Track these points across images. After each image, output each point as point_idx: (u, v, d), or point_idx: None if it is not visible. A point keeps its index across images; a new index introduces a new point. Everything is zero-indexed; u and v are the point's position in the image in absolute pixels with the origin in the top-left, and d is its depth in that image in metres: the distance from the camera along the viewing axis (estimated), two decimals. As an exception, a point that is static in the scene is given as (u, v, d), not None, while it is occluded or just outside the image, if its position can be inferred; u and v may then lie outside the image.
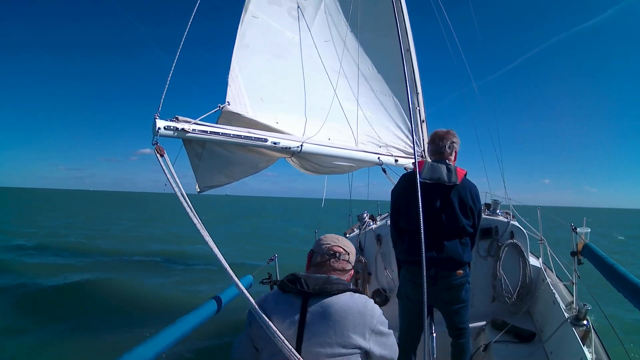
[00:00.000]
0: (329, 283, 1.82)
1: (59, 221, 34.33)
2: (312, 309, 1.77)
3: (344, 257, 1.99)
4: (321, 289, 1.79)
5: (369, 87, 4.24)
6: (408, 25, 4.47)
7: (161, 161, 2.29)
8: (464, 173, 3.10)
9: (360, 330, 1.74)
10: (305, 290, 1.79)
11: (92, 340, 7.49)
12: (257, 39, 3.43)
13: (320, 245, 2.02)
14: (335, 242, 2.02)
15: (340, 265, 1.97)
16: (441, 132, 3.27)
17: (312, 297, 1.79)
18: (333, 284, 1.82)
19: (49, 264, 14.57)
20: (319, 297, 1.78)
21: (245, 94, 3.24)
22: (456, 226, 3.03)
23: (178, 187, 2.22)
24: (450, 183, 3.01)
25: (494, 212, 4.80)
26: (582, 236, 3.85)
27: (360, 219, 5.00)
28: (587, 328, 3.36)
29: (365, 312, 1.78)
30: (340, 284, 1.83)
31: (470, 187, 3.13)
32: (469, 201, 3.06)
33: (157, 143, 2.38)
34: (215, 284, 11.34)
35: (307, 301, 1.79)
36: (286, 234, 28.85)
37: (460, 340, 3.24)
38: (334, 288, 1.80)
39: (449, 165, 3.12)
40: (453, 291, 3.08)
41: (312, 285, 1.80)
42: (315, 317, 1.76)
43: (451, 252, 3.00)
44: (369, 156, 3.68)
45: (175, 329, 2.38)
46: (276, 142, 2.98)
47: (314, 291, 1.78)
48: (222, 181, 3.11)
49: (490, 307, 4.48)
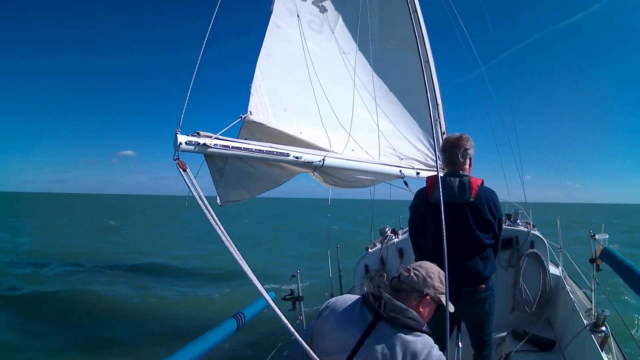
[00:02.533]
0: (405, 316, 1.79)
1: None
2: (377, 332, 1.76)
3: (419, 280, 1.93)
4: (395, 317, 1.76)
5: (389, 99, 4.23)
6: (426, 37, 4.46)
7: (184, 176, 2.27)
8: (479, 183, 2.92)
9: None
10: (379, 312, 1.77)
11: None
12: (280, 49, 3.42)
13: (430, 276, 1.96)
14: (431, 279, 1.95)
15: (415, 286, 1.92)
16: (453, 138, 3.07)
17: (382, 320, 1.77)
18: (408, 318, 1.78)
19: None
20: (389, 323, 1.76)
21: (267, 103, 3.21)
22: (475, 243, 2.90)
23: (203, 202, 2.19)
24: (464, 201, 2.85)
25: (514, 222, 4.78)
26: (600, 243, 3.82)
27: (382, 234, 4.98)
28: (605, 334, 3.33)
29: (421, 353, 1.72)
30: (414, 321, 1.79)
31: (487, 197, 2.93)
32: (486, 215, 2.89)
33: (178, 158, 2.36)
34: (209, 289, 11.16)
35: (375, 322, 1.77)
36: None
37: (484, 352, 3.16)
38: (406, 322, 1.77)
39: (463, 177, 2.92)
40: (476, 305, 2.98)
41: (388, 309, 1.78)
42: (377, 340, 1.74)
43: (471, 269, 2.89)
44: (391, 169, 3.65)
45: (198, 346, 2.35)
46: (298, 156, 2.95)
47: (387, 317, 1.76)
48: (244, 196, 3.07)
49: (510, 316, 4.44)
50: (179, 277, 14.81)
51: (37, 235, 26.37)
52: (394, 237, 4.88)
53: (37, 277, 13.75)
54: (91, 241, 24.29)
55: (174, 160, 2.36)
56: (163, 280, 14.17)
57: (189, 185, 2.23)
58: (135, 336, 8.42)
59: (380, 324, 1.76)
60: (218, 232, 2.08)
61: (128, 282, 13.50)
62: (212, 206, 2.21)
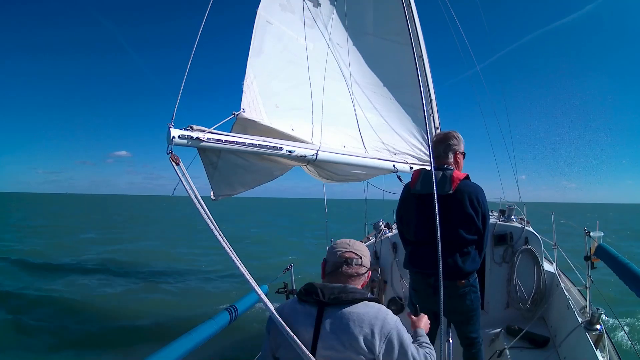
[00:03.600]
0: (345, 292, 1.81)
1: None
2: (327, 318, 1.77)
3: (357, 261, 1.94)
4: (337, 298, 1.78)
5: (382, 94, 4.23)
6: (420, 31, 4.47)
7: (177, 170, 2.29)
8: (461, 177, 2.91)
9: (372, 338, 1.72)
10: (321, 300, 1.78)
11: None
12: (271, 45, 3.41)
13: (332, 252, 1.99)
14: (347, 247, 1.98)
15: (354, 271, 1.93)
16: (440, 134, 3.16)
17: (327, 307, 1.78)
18: (349, 293, 1.80)
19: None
20: (335, 306, 1.78)
21: (260, 101, 3.22)
22: (454, 237, 2.87)
23: (195, 195, 2.21)
24: (443, 193, 2.82)
25: (508, 218, 4.77)
26: (595, 240, 3.83)
27: (376, 227, 4.99)
28: (600, 332, 3.33)
29: (377, 319, 1.75)
30: (356, 293, 1.82)
31: (470, 191, 2.90)
32: (467, 208, 2.86)
33: (171, 152, 2.38)
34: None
35: (322, 310, 1.79)
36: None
37: (472, 350, 3.14)
38: (349, 297, 1.79)
39: (446, 171, 2.93)
40: (456, 300, 2.92)
41: (327, 294, 1.79)
42: (330, 327, 1.75)
43: (451, 264, 2.85)
44: (384, 164, 3.66)
45: (191, 338, 2.36)
46: (291, 150, 2.95)
47: (329, 301, 1.78)
48: (237, 189, 3.09)
49: (505, 313, 4.45)
50: (173, 273, 14.82)
51: (35, 234, 26.30)
52: (387, 232, 4.88)
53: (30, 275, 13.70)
54: (84, 241, 24.32)
55: (167, 154, 2.38)
56: (155, 275, 14.17)
57: (181, 179, 2.26)
58: (128, 330, 8.47)
59: (327, 311, 1.78)
60: (209, 224, 2.10)
61: (118, 278, 13.57)
62: (206, 202, 2.22)
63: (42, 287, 11.95)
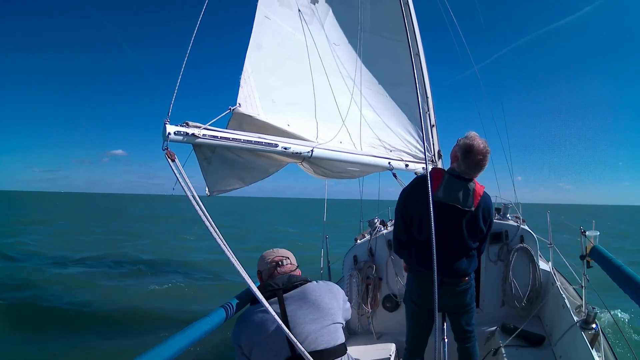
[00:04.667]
0: (294, 278, 2.18)
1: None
2: (289, 300, 2.06)
3: (286, 261, 2.31)
4: (289, 283, 2.13)
5: (378, 91, 4.22)
6: (417, 29, 4.46)
7: (172, 166, 2.29)
8: (482, 191, 2.94)
9: (337, 303, 2.14)
10: (277, 288, 2.09)
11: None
12: (269, 40, 3.41)
13: (263, 262, 2.33)
14: (273, 254, 2.35)
15: (287, 269, 2.28)
16: (482, 147, 2.87)
17: (285, 293, 2.09)
18: (295, 277, 2.18)
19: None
20: (290, 290, 2.10)
21: (256, 96, 3.21)
22: (461, 245, 2.98)
23: (190, 191, 2.21)
24: (465, 208, 2.87)
25: (504, 216, 4.79)
26: (591, 239, 3.83)
27: (371, 225, 4.97)
28: (595, 332, 3.34)
29: (334, 290, 2.21)
30: (300, 277, 2.20)
31: (484, 205, 2.96)
32: (479, 224, 2.97)
33: (167, 148, 2.38)
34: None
35: (281, 297, 2.07)
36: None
37: (467, 344, 3.19)
38: (299, 279, 2.17)
39: (470, 185, 2.89)
40: (457, 296, 3.05)
41: (280, 283, 2.12)
42: (296, 304, 2.05)
43: (457, 267, 2.98)
44: (380, 161, 3.65)
45: (186, 336, 2.35)
46: (287, 147, 2.95)
47: (284, 287, 2.10)
48: (233, 185, 3.09)
49: (500, 311, 4.46)
50: (169, 270, 14.77)
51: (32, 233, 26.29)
52: (382, 229, 4.86)
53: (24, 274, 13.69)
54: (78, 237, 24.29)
55: (162, 150, 2.37)
56: (147, 272, 14.14)
57: (177, 175, 2.25)
58: (122, 329, 8.40)
59: (286, 297, 2.08)
60: (205, 221, 2.10)
61: (113, 275, 13.51)
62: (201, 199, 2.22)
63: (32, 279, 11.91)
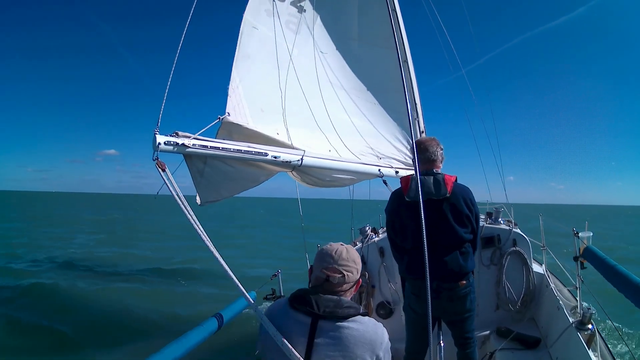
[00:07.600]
0: (340, 307, 1.77)
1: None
2: (322, 331, 1.75)
3: (340, 279, 1.84)
4: (332, 312, 1.75)
5: (367, 99, 4.24)
6: (405, 36, 4.49)
7: (163, 176, 2.30)
8: (453, 179, 2.99)
9: (368, 356, 1.75)
10: (315, 312, 1.75)
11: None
12: (257, 50, 3.44)
13: (317, 263, 1.91)
14: (331, 262, 1.86)
15: (337, 288, 1.84)
16: (426, 141, 3.14)
17: (321, 319, 1.75)
18: (344, 308, 1.77)
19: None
20: (329, 320, 1.75)
21: (245, 105, 3.23)
22: (453, 238, 2.97)
23: (181, 200, 2.23)
24: (440, 197, 2.92)
25: (495, 220, 4.80)
26: (584, 240, 3.85)
27: (362, 232, 4.97)
28: (591, 332, 3.35)
29: (376, 340, 1.78)
30: (351, 309, 1.78)
31: (463, 192, 3.01)
32: (463, 209, 2.97)
33: (157, 158, 2.39)
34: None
35: (316, 322, 1.76)
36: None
37: (467, 350, 3.19)
38: (345, 313, 1.76)
39: (437, 175, 2.99)
40: (457, 302, 3.03)
41: (322, 307, 1.76)
42: (325, 340, 1.74)
43: (452, 265, 2.95)
44: (370, 168, 3.68)
45: (180, 345, 2.35)
46: (276, 155, 2.97)
47: (324, 314, 1.75)
48: (223, 195, 3.11)
49: (495, 315, 4.46)
50: (158, 277, 14.59)
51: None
52: (374, 236, 4.86)
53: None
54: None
55: (153, 160, 2.38)
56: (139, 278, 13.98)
57: (168, 186, 2.27)
58: (115, 337, 8.29)
59: (321, 323, 1.75)
60: (198, 231, 2.11)
61: (102, 280, 13.27)
62: (191, 205, 2.23)
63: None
